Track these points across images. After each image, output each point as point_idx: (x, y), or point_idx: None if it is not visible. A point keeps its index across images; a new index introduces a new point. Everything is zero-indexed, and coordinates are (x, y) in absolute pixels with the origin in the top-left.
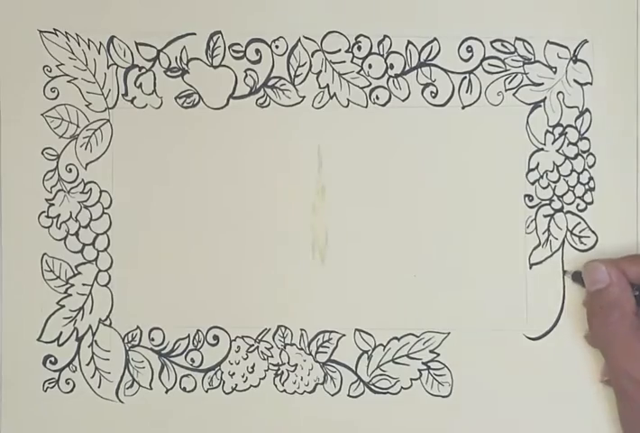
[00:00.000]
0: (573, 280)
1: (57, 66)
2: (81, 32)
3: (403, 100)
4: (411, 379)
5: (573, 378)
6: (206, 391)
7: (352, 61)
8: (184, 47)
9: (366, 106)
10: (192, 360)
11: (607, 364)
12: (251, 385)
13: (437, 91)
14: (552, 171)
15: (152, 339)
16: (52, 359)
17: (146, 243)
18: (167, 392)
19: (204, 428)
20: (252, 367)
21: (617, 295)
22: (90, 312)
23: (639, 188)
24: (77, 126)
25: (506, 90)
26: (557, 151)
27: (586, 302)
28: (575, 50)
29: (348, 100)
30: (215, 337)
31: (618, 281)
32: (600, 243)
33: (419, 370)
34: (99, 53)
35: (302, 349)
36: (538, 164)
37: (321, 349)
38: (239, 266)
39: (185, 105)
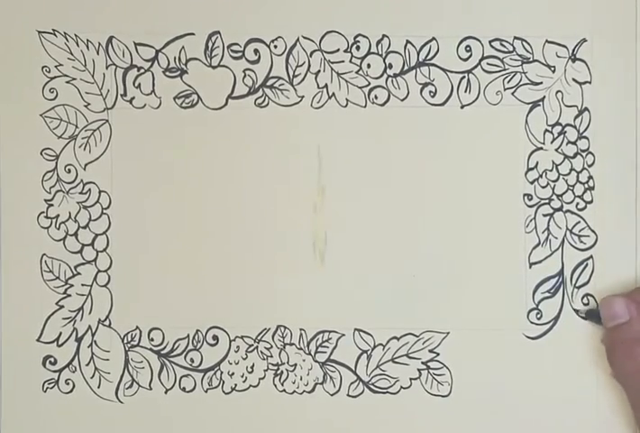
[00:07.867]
0: (586, 319)
1: (55, 66)
2: (80, 32)
3: (402, 100)
4: (410, 379)
5: (573, 377)
6: (206, 392)
7: (350, 61)
8: (182, 47)
9: (365, 106)
10: (191, 360)
11: (630, 399)
12: (250, 385)
13: (436, 91)
14: (551, 170)
15: (152, 339)
16: (52, 359)
17: (145, 243)
18: (166, 392)
19: (203, 428)
20: (252, 367)
21: (639, 328)
22: (89, 312)
23: (639, 186)
24: (76, 127)
25: (504, 89)
26: (556, 150)
27: (605, 339)
28: (574, 49)
29: (347, 100)
30: (215, 337)
31: (639, 315)
32: (600, 242)
33: (419, 369)
34: (98, 54)
35: (301, 349)
36: (537, 163)
37: (320, 349)
38: (238, 266)
39: (184, 105)
